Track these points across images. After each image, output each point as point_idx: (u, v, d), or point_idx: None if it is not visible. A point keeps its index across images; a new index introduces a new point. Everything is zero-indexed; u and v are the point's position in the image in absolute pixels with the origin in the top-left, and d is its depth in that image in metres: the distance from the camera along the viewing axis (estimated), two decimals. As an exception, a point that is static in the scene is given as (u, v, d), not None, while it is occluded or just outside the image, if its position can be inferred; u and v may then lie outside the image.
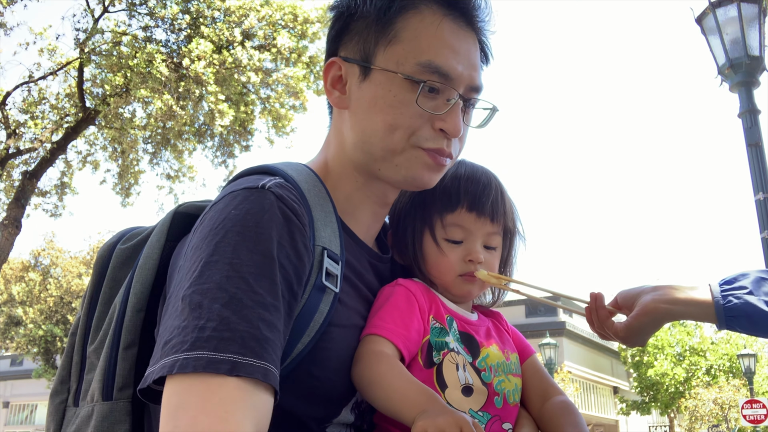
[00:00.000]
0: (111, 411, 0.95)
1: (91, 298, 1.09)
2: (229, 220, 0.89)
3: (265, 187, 0.94)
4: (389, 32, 1.06)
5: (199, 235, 0.91)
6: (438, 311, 1.18)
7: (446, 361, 1.12)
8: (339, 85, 1.12)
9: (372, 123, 1.07)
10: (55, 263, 23.17)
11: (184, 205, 1.11)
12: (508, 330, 1.32)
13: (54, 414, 1.06)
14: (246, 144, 12.32)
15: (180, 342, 0.80)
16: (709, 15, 5.60)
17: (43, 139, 11.44)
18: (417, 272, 1.24)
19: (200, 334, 0.79)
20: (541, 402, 1.23)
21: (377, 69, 1.06)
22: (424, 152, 1.07)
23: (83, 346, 1.07)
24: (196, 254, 0.88)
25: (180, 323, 0.81)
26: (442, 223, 1.20)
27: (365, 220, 1.16)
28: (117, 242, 1.14)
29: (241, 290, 0.83)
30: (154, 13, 10.90)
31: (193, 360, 0.77)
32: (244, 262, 0.85)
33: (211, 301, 0.81)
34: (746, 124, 5.45)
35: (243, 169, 1.08)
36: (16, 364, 32.87)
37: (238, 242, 0.87)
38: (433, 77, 1.04)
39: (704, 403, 23.18)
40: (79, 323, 1.10)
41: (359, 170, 1.12)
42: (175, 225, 1.08)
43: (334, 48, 1.14)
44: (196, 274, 0.85)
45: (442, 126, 1.06)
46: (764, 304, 1.13)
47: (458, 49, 1.07)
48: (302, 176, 1.05)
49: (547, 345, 17.40)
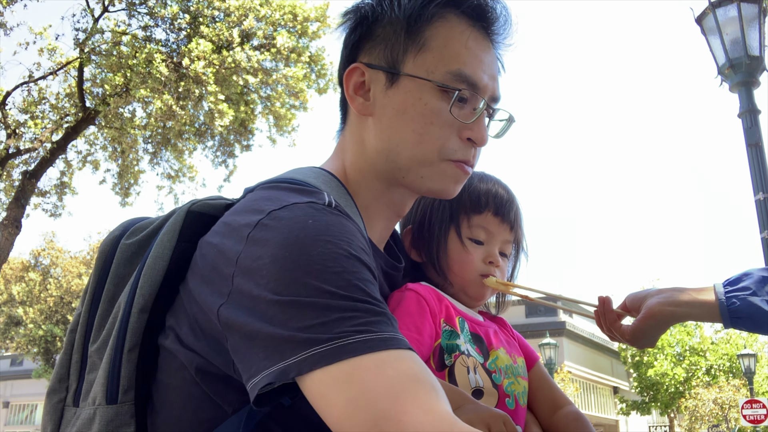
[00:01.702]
0: (116, 414, 0.93)
1: (93, 295, 1.06)
2: (312, 229, 0.86)
3: (332, 205, 0.93)
4: (419, 40, 1.06)
5: (272, 244, 0.85)
6: (449, 314, 1.19)
7: (458, 363, 1.13)
8: (362, 91, 1.10)
9: (400, 132, 1.06)
10: (55, 263, 23.19)
11: (198, 204, 1.06)
12: (514, 335, 1.34)
13: (51, 413, 1.04)
14: (247, 143, 12.33)
15: (332, 332, 0.78)
16: (709, 15, 5.60)
17: (43, 139, 11.44)
18: (434, 271, 1.26)
19: (350, 321, 0.79)
20: (551, 411, 1.25)
21: (406, 76, 1.05)
22: (452, 164, 1.07)
23: (84, 344, 1.04)
24: (280, 263, 0.83)
25: (303, 324, 0.78)
26: (468, 222, 1.26)
27: (379, 229, 1.16)
28: (120, 236, 1.09)
29: (357, 294, 0.82)
30: (153, 12, 10.90)
31: (368, 341, 0.78)
32: (349, 269, 0.84)
33: (331, 298, 0.80)
34: (746, 124, 5.45)
35: (268, 178, 1.05)
36: (16, 364, 32.89)
37: (332, 250, 0.84)
38: (463, 86, 1.05)
39: (704, 403, 23.18)
40: (79, 320, 1.06)
41: (380, 178, 1.11)
42: (187, 224, 1.03)
43: (354, 53, 1.12)
44: (300, 282, 0.81)
45: (470, 135, 1.07)
46: (766, 304, 1.16)
47: (483, 59, 1.08)
48: (334, 191, 1.04)
49: (547, 345, 17.41)
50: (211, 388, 0.91)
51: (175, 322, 0.96)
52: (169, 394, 0.95)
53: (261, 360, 0.79)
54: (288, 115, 11.78)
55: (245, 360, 0.82)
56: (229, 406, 0.90)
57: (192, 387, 0.93)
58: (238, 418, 0.89)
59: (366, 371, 0.76)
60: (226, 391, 0.91)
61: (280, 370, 0.78)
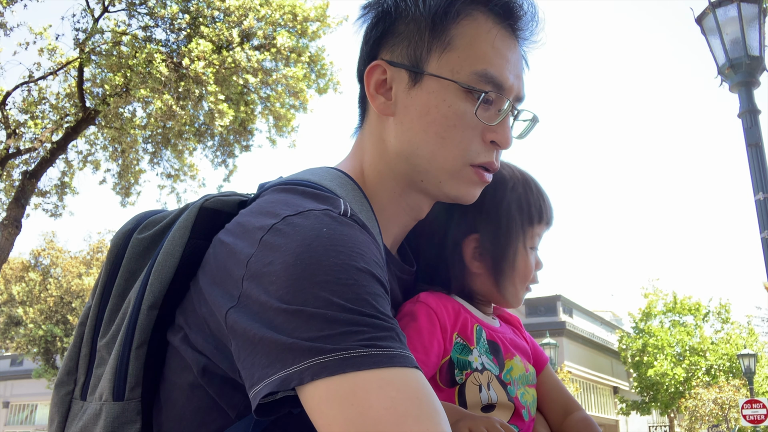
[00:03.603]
0: (123, 411, 0.93)
1: (103, 289, 1.04)
2: (326, 239, 0.84)
3: (347, 214, 0.90)
4: (444, 38, 1.02)
5: (285, 251, 0.83)
6: (464, 325, 1.16)
7: (469, 382, 1.11)
8: (383, 89, 1.06)
9: (422, 133, 1.03)
10: (55, 263, 23.18)
11: (212, 200, 1.03)
12: (526, 338, 1.32)
13: (59, 405, 1.03)
14: (246, 144, 12.33)
15: (337, 343, 0.76)
16: (709, 15, 5.60)
17: (43, 139, 11.44)
18: (489, 281, 1.23)
19: (356, 336, 0.76)
20: (562, 416, 1.24)
21: (430, 76, 1.02)
22: (473, 170, 1.05)
23: (93, 337, 1.03)
24: (291, 271, 0.81)
25: (309, 334, 0.77)
26: (532, 232, 1.26)
27: (394, 232, 1.13)
28: (133, 230, 1.07)
29: (366, 309, 0.80)
30: (153, 12, 10.90)
31: (374, 356, 0.76)
32: (360, 282, 0.81)
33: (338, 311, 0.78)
34: (746, 124, 5.46)
35: (283, 178, 1.03)
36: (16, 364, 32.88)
37: (344, 261, 0.82)
38: (488, 87, 1.01)
39: (704, 403, 23.17)
40: (89, 314, 1.05)
41: (398, 180, 1.08)
42: (200, 221, 1.01)
43: (376, 50, 1.08)
44: (308, 292, 0.79)
45: (494, 138, 1.03)
46: None
47: (510, 58, 1.05)
48: (350, 195, 1.02)
49: (547, 345, 17.42)
50: (216, 391, 0.90)
51: (184, 321, 0.95)
52: (174, 393, 0.94)
53: (263, 368, 0.78)
54: (288, 115, 11.78)
55: (247, 367, 0.80)
56: (233, 409, 0.90)
57: (196, 388, 0.92)
58: (244, 423, 0.88)
59: (368, 389, 0.74)
60: (230, 394, 0.90)
61: (281, 378, 0.76)
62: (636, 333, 26.68)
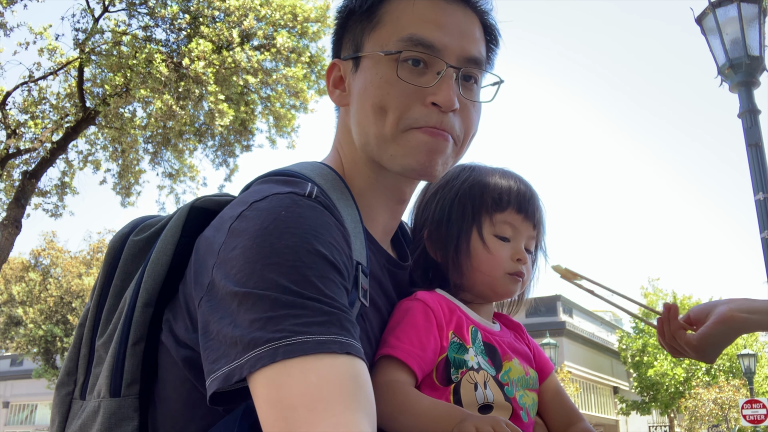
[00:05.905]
0: (119, 407, 0.94)
1: (101, 290, 1.07)
2: (282, 221, 0.86)
3: (312, 195, 0.93)
4: (374, 19, 1.08)
5: (246, 235, 0.86)
6: (460, 324, 1.16)
7: (464, 380, 1.10)
8: (341, 84, 1.14)
9: (363, 111, 1.06)
10: (55, 263, 23.18)
11: (201, 200, 1.07)
12: (530, 344, 1.30)
13: (60, 406, 1.05)
14: (247, 144, 12.33)
15: (274, 330, 0.78)
16: (709, 15, 5.61)
17: (43, 139, 11.44)
18: (453, 271, 1.22)
19: (293, 320, 0.78)
20: (565, 425, 1.22)
21: (365, 56, 1.08)
22: (417, 132, 1.03)
23: (91, 338, 1.05)
24: (247, 254, 0.84)
25: (253, 317, 0.79)
26: (491, 220, 1.21)
27: (381, 219, 1.15)
28: (130, 233, 1.11)
29: (309, 291, 0.82)
30: (154, 12, 10.90)
31: (303, 343, 0.77)
32: (308, 265, 0.83)
33: (285, 294, 0.81)
34: (746, 124, 5.46)
35: (266, 171, 1.06)
36: (16, 364, 32.89)
37: (297, 244, 0.84)
38: (417, 49, 1.03)
39: (704, 403, 23.18)
40: (87, 315, 1.07)
41: (367, 164, 1.12)
42: (191, 220, 1.04)
43: (336, 52, 1.16)
44: (258, 274, 0.82)
45: (434, 99, 1.03)
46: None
47: (443, 21, 1.06)
48: (329, 183, 1.04)
49: (547, 345, 17.42)
50: (201, 383, 0.90)
51: (171, 316, 0.97)
52: (166, 390, 0.96)
53: (211, 363, 0.82)
54: (288, 115, 11.78)
55: (204, 360, 0.84)
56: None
57: (186, 382, 0.94)
58: (233, 417, 0.89)
59: (290, 376, 0.76)
60: None
61: (225, 374, 0.79)
62: (636, 333, 26.70)
